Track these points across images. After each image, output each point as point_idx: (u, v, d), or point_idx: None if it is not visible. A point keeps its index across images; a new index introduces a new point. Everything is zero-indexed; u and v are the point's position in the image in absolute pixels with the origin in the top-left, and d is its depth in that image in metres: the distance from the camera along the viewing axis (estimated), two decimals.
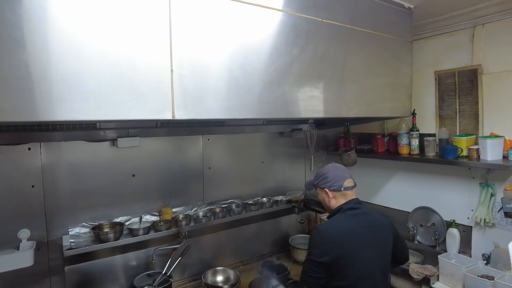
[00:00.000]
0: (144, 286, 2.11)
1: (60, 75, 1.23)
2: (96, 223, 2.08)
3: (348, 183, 1.73)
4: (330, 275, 1.57)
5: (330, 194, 1.73)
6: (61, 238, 1.97)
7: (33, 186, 1.90)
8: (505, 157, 2.23)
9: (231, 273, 2.36)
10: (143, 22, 1.39)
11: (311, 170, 3.05)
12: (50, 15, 1.21)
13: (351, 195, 1.74)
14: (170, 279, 2.14)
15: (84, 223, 2.06)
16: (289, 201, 2.86)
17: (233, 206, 2.62)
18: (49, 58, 1.21)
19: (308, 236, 2.66)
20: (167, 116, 1.45)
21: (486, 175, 2.35)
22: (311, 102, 1.95)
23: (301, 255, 2.60)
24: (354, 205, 1.71)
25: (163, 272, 2.15)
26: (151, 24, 1.41)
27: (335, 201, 1.74)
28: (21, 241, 1.82)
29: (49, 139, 1.92)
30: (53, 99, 1.22)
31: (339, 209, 1.70)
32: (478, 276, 2.00)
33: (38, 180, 1.92)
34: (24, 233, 1.83)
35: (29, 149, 1.89)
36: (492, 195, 2.33)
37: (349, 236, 1.60)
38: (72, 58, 1.25)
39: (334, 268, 1.55)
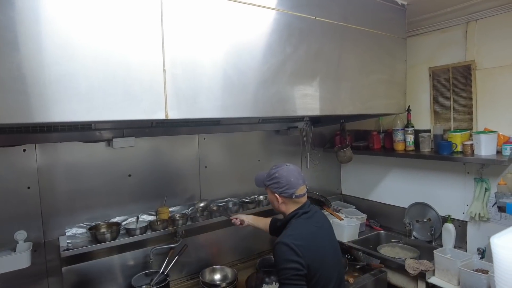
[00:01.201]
0: (142, 285, 2.12)
1: (54, 76, 1.23)
2: (93, 224, 2.08)
3: (300, 191, 1.68)
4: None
5: (280, 199, 1.69)
6: (58, 239, 1.97)
7: (29, 188, 1.90)
8: (498, 152, 2.25)
9: (229, 271, 2.37)
10: (135, 22, 1.39)
11: (307, 167, 3.06)
12: (42, 17, 1.21)
13: (302, 201, 1.71)
14: (168, 278, 2.14)
15: (80, 224, 2.06)
16: None
17: (230, 205, 2.63)
18: (42, 60, 1.21)
19: None
20: (161, 116, 1.45)
21: (481, 170, 2.38)
22: (306, 100, 1.96)
23: None
24: (307, 209, 1.70)
25: (161, 271, 2.16)
26: (143, 24, 1.41)
27: (285, 206, 1.71)
28: (17, 243, 1.83)
29: (44, 140, 1.92)
30: (48, 100, 1.23)
31: (295, 214, 1.68)
32: (473, 270, 2.02)
33: (34, 181, 1.91)
34: (20, 235, 1.84)
35: (24, 150, 1.88)
36: (486, 190, 2.35)
37: (312, 239, 1.59)
38: (65, 59, 1.25)
39: (309, 276, 1.52)
